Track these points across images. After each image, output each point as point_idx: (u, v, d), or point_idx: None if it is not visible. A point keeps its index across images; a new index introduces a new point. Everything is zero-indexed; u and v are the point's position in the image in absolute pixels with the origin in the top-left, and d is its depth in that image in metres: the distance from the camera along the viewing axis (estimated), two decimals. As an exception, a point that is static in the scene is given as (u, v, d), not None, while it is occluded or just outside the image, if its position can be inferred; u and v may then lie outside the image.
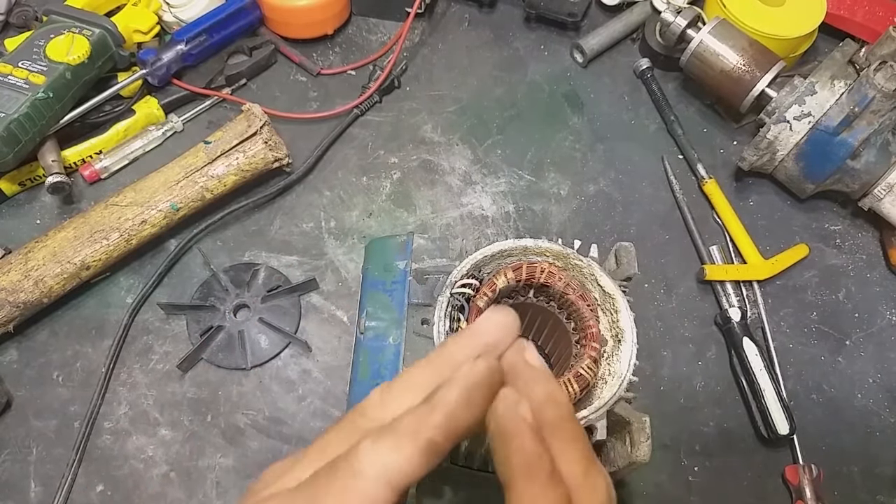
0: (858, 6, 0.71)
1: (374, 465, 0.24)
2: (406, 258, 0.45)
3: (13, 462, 0.50)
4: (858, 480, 0.54)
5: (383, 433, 0.25)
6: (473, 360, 0.26)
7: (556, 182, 0.66)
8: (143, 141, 0.63)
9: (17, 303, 0.52)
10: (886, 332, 0.60)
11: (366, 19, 0.74)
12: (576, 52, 0.73)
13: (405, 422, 0.25)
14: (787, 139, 0.59)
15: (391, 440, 0.24)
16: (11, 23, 0.69)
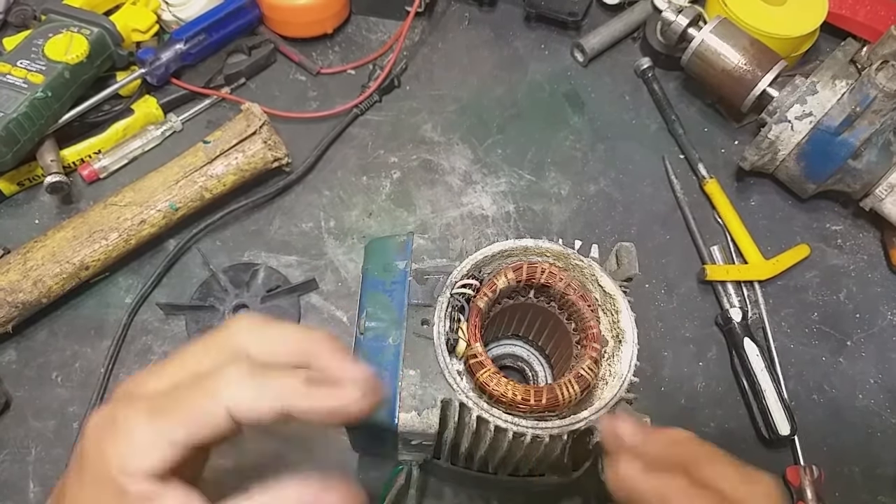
0: (860, 5, 0.71)
1: (233, 396, 0.27)
2: (406, 258, 0.44)
3: (12, 462, 0.50)
4: (860, 481, 0.53)
5: (256, 374, 0.27)
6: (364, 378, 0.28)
7: (557, 182, 0.65)
8: (142, 140, 0.63)
9: (16, 303, 0.51)
10: (887, 332, 0.60)
11: (365, 18, 0.74)
12: (576, 52, 0.73)
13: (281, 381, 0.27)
14: (789, 139, 0.59)
15: (257, 387, 0.27)
16: (10, 22, 0.69)
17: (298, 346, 0.29)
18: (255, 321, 0.30)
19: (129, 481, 0.27)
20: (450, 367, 0.40)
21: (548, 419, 0.39)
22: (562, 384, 0.39)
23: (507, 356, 0.52)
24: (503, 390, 0.39)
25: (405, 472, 0.44)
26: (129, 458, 0.27)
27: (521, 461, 0.42)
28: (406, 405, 0.39)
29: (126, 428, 0.28)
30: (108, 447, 0.28)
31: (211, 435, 0.28)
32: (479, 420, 0.39)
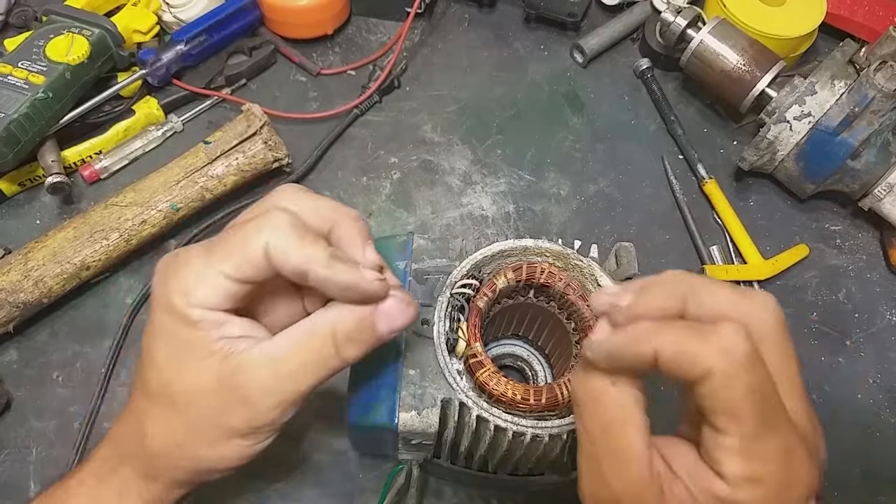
0: (858, 6, 0.71)
1: (270, 238, 0.31)
2: (406, 258, 0.45)
3: (13, 462, 0.50)
4: (859, 481, 0.54)
5: (292, 227, 0.31)
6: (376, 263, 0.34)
7: (556, 182, 0.65)
8: (143, 141, 0.63)
9: (17, 303, 0.52)
10: (887, 332, 0.60)
11: (366, 19, 0.74)
12: (576, 52, 0.73)
13: (311, 245, 0.31)
14: (788, 139, 0.59)
15: (291, 238, 0.31)
16: (11, 23, 0.69)
17: (329, 214, 0.34)
18: (296, 188, 0.35)
19: (193, 310, 0.32)
20: (450, 367, 0.40)
21: (547, 419, 0.39)
22: (561, 384, 0.40)
23: (506, 356, 0.52)
24: (503, 390, 0.39)
25: (405, 472, 0.44)
26: (189, 287, 0.32)
27: (521, 460, 0.42)
28: (406, 405, 0.39)
29: (185, 261, 0.32)
30: (171, 280, 0.32)
31: (252, 271, 0.31)
32: (478, 419, 0.39)
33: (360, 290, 0.32)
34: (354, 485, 0.51)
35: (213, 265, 0.32)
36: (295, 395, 0.33)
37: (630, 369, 0.29)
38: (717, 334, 0.26)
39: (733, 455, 0.27)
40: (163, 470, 0.35)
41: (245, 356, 0.32)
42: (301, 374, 0.33)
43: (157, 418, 0.34)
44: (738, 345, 0.26)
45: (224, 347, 0.32)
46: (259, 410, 0.33)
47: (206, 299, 0.32)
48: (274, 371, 0.32)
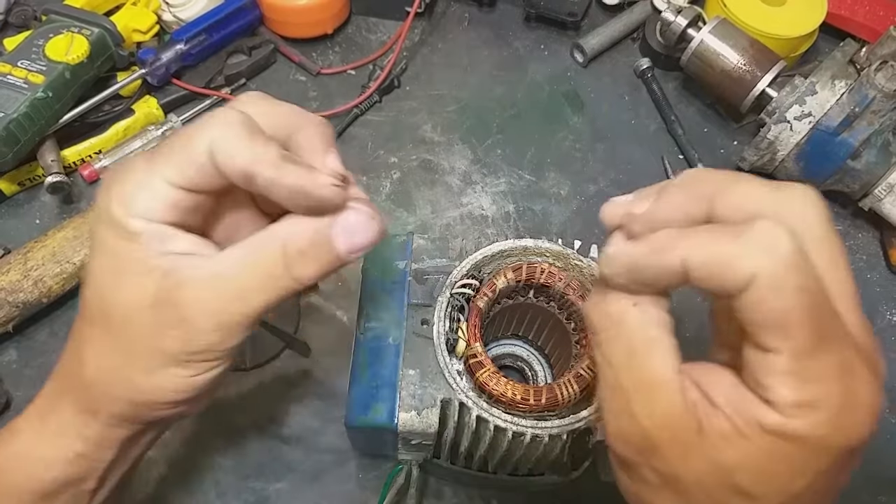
0: (859, 6, 0.71)
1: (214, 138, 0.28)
2: (406, 258, 0.45)
3: (12, 462, 0.50)
4: (860, 481, 0.53)
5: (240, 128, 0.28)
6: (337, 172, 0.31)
7: (557, 182, 0.65)
8: (143, 140, 0.63)
9: (17, 303, 0.52)
10: (887, 332, 0.60)
11: (365, 19, 0.74)
12: (576, 52, 0.73)
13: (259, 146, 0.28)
14: (788, 139, 0.59)
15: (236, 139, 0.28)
16: (10, 22, 0.69)
17: (290, 118, 0.31)
18: (258, 94, 0.32)
19: (133, 220, 0.28)
20: (449, 367, 0.40)
21: (547, 419, 0.39)
22: (561, 384, 0.39)
23: (506, 356, 0.52)
24: (503, 390, 0.39)
25: (405, 472, 0.44)
26: (129, 195, 0.29)
27: (521, 461, 0.42)
28: (406, 405, 0.39)
29: (127, 169, 0.29)
30: (112, 189, 0.29)
31: (196, 175, 0.28)
32: (478, 419, 0.39)
33: (311, 194, 0.28)
34: (354, 485, 0.51)
35: (155, 171, 0.28)
36: (239, 316, 0.29)
37: (653, 286, 0.25)
38: (756, 231, 0.22)
39: (785, 377, 0.23)
40: (100, 402, 0.32)
41: (187, 273, 0.29)
42: (246, 293, 0.29)
43: (93, 342, 0.31)
44: (783, 242, 0.22)
45: (165, 263, 0.29)
46: (196, 332, 0.29)
47: (148, 208, 0.28)
48: (215, 289, 0.29)
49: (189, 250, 0.30)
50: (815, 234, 0.24)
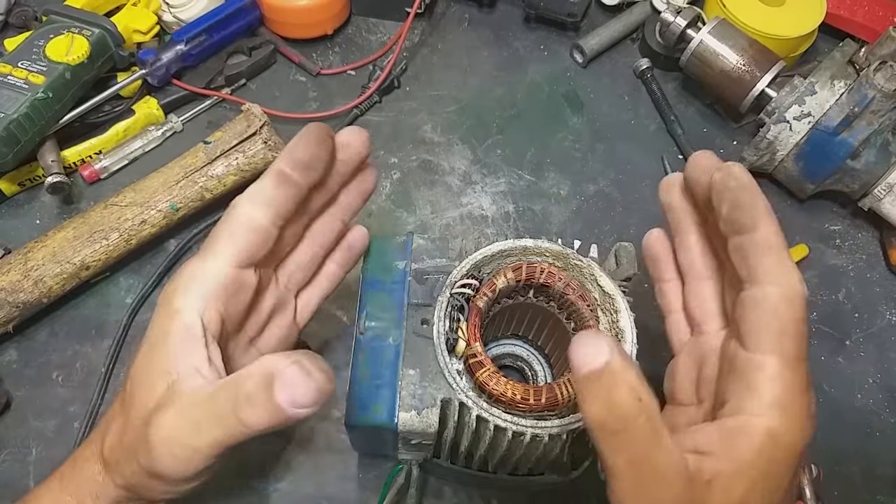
0: (858, 6, 0.71)
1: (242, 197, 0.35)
2: (406, 258, 0.45)
3: (12, 462, 0.50)
4: (858, 481, 0.54)
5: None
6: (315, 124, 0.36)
7: (556, 182, 0.65)
8: (143, 141, 0.63)
9: (17, 303, 0.52)
10: (886, 332, 0.60)
11: (365, 19, 0.74)
12: (576, 52, 0.73)
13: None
14: (787, 139, 0.59)
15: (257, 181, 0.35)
16: (11, 23, 0.69)
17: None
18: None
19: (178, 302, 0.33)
20: (449, 367, 0.40)
21: (547, 418, 0.39)
22: (561, 383, 0.40)
23: (506, 356, 0.52)
24: (502, 390, 0.39)
25: (405, 472, 0.44)
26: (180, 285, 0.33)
27: (521, 460, 0.42)
28: (406, 405, 0.39)
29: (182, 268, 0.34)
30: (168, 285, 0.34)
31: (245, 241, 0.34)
32: (478, 419, 0.39)
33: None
34: (354, 484, 0.51)
35: (205, 258, 0.34)
36: (189, 449, 0.30)
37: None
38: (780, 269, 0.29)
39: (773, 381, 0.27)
40: (112, 471, 0.33)
41: (179, 391, 0.31)
42: (201, 427, 0.30)
43: (115, 417, 0.34)
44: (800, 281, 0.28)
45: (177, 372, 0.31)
46: (155, 455, 0.30)
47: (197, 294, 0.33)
48: (182, 416, 0.30)
49: (200, 367, 0.32)
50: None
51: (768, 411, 0.27)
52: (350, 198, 0.41)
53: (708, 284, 0.36)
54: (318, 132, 0.35)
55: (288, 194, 0.35)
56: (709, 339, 0.35)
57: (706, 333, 0.35)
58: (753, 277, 0.29)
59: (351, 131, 0.38)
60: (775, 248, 0.29)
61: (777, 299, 0.28)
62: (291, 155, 0.35)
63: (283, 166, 0.35)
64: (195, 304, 0.32)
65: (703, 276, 0.36)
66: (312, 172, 0.36)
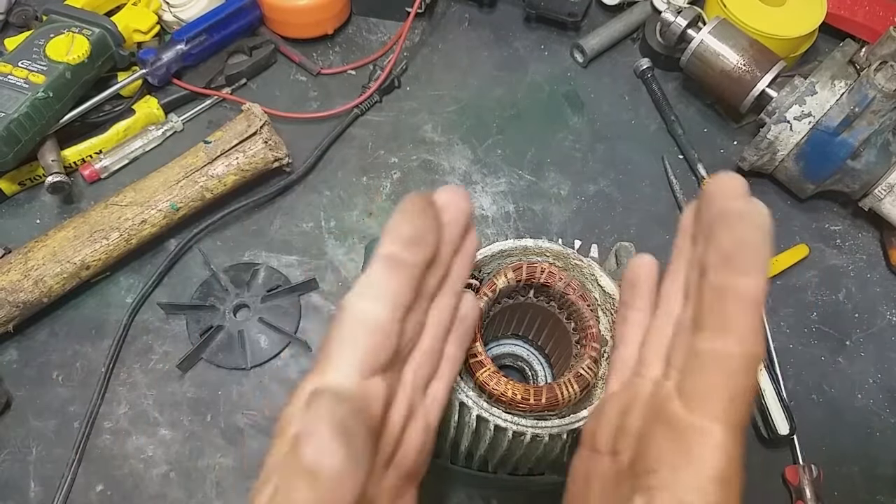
0: (859, 6, 0.71)
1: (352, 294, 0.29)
2: (406, 258, 0.45)
3: (13, 462, 0.50)
4: (858, 481, 0.54)
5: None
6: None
7: (556, 182, 0.65)
8: (143, 140, 0.63)
9: (17, 302, 0.52)
10: (887, 332, 0.60)
11: (366, 19, 0.74)
12: (576, 52, 0.73)
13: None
14: (788, 139, 0.59)
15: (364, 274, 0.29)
16: (11, 22, 0.69)
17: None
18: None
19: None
20: (450, 367, 0.40)
21: (547, 418, 0.39)
22: (561, 383, 0.40)
23: (506, 356, 0.52)
24: (503, 389, 0.39)
25: (405, 471, 0.44)
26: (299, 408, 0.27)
27: (521, 460, 0.42)
28: (406, 404, 0.39)
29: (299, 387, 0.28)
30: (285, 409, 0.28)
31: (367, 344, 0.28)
32: (478, 419, 0.39)
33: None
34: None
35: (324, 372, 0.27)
36: None
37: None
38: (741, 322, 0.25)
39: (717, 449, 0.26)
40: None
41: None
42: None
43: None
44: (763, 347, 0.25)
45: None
46: None
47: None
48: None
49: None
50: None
51: (709, 486, 0.25)
52: (461, 264, 0.34)
53: (668, 323, 0.31)
54: (419, 200, 0.30)
55: (403, 279, 0.29)
56: (641, 385, 0.30)
57: (641, 378, 0.31)
58: (720, 329, 0.25)
59: (448, 190, 0.32)
60: (757, 306, 0.25)
61: (737, 362, 0.25)
62: (397, 233, 0.29)
63: (391, 248, 0.29)
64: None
65: (669, 313, 0.31)
66: (425, 248, 0.30)
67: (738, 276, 0.25)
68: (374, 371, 0.28)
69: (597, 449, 0.32)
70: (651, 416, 0.28)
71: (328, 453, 0.23)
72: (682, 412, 0.26)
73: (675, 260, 0.33)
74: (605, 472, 0.30)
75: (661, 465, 0.26)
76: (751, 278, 0.25)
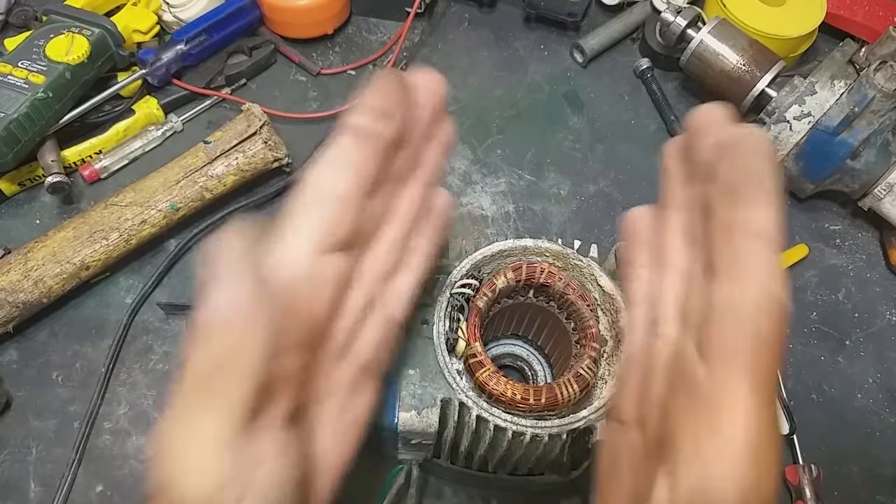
0: (858, 6, 0.71)
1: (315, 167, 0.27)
2: (406, 258, 0.45)
3: (13, 462, 0.50)
4: (858, 480, 0.54)
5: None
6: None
7: (556, 182, 0.65)
8: (143, 141, 0.63)
9: (17, 303, 0.52)
10: (886, 332, 0.60)
11: (366, 19, 0.74)
12: (576, 52, 0.73)
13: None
14: (787, 139, 0.59)
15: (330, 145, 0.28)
16: (11, 22, 0.69)
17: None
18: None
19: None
20: (449, 367, 0.40)
21: (547, 418, 0.39)
22: (561, 383, 0.40)
23: (506, 356, 0.52)
24: (502, 389, 0.39)
25: (405, 472, 0.44)
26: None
27: (521, 460, 0.42)
28: (406, 404, 0.39)
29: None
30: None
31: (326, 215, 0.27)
32: (478, 419, 0.39)
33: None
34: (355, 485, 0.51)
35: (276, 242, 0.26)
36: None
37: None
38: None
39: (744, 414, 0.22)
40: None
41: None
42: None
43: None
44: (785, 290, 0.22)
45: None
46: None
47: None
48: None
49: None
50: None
51: (739, 458, 0.22)
52: (433, 153, 0.33)
53: (678, 277, 0.28)
54: (391, 74, 0.28)
55: (368, 152, 0.27)
56: (660, 347, 0.27)
57: (659, 338, 0.28)
58: (732, 270, 0.23)
59: (422, 72, 0.31)
60: (768, 238, 0.22)
61: (756, 305, 0.22)
62: (366, 104, 0.28)
63: (357, 119, 0.28)
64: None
65: (676, 265, 0.28)
66: (394, 121, 0.28)
67: (747, 208, 0.23)
68: (329, 247, 0.27)
69: (622, 420, 0.29)
70: (672, 381, 0.25)
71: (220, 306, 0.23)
72: (703, 374, 0.23)
73: (669, 206, 0.31)
74: (633, 444, 0.28)
75: (684, 437, 0.23)
76: (761, 209, 0.22)
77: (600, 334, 0.42)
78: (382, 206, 0.31)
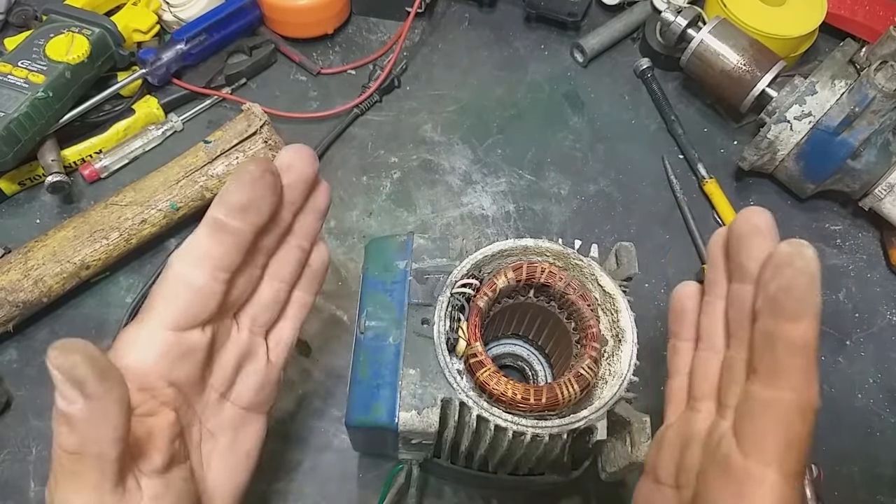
0: (859, 6, 0.71)
1: (176, 253, 0.32)
2: (406, 258, 0.45)
3: (13, 462, 0.50)
4: (858, 480, 0.54)
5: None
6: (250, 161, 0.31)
7: (557, 182, 0.65)
8: (143, 140, 0.63)
9: (17, 302, 0.52)
10: (887, 332, 0.60)
11: (366, 19, 0.74)
12: (576, 52, 0.73)
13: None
14: (788, 139, 0.59)
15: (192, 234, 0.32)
16: (11, 22, 0.69)
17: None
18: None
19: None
20: (450, 367, 0.40)
21: (548, 418, 0.39)
22: (561, 383, 0.39)
23: (507, 355, 0.52)
24: (503, 389, 0.39)
25: (405, 471, 0.44)
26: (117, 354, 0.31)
27: (521, 460, 0.42)
28: (406, 404, 0.39)
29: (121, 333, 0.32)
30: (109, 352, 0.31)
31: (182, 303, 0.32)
32: (479, 419, 0.39)
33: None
34: (354, 484, 0.51)
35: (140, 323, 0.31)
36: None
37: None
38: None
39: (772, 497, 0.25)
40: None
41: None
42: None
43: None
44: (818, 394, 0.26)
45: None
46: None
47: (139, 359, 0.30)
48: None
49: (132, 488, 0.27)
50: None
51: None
52: (306, 221, 0.37)
53: (716, 360, 0.32)
54: (253, 168, 0.30)
55: (227, 245, 0.31)
56: (698, 420, 0.31)
57: (697, 412, 0.32)
58: (772, 375, 0.26)
59: (291, 151, 0.34)
60: (808, 351, 0.25)
61: (791, 408, 0.25)
62: (225, 199, 0.31)
63: (216, 213, 0.31)
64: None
65: (716, 349, 0.32)
66: (254, 215, 0.31)
67: (789, 322, 0.25)
68: (189, 326, 0.31)
69: (660, 481, 0.32)
70: (708, 456, 0.29)
71: (70, 400, 0.25)
72: (737, 456, 0.26)
73: (710, 292, 0.33)
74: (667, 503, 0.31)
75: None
76: (801, 324, 0.25)
77: (601, 334, 0.42)
78: (253, 276, 0.35)
